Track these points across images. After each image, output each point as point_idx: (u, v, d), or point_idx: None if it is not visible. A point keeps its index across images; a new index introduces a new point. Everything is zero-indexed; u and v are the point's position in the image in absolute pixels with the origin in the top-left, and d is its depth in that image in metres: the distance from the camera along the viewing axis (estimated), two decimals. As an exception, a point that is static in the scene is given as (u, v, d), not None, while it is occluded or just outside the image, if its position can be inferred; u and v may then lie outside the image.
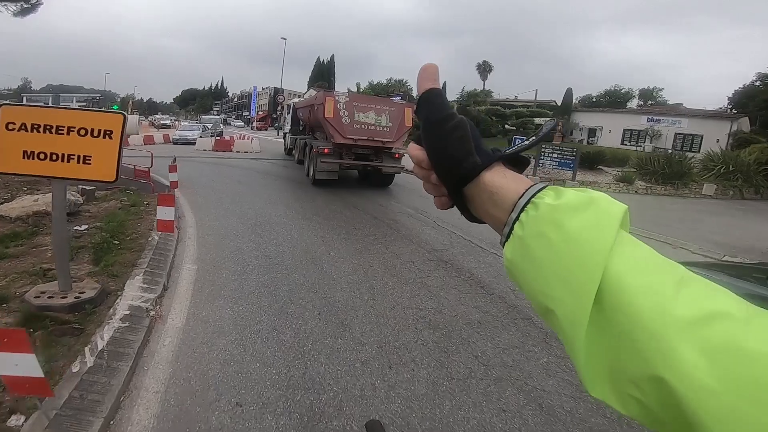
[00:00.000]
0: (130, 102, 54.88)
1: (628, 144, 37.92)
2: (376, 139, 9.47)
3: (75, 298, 3.32)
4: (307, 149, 11.51)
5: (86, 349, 2.75)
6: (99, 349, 2.79)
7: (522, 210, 0.36)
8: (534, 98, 52.09)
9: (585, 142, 40.26)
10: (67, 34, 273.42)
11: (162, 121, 51.38)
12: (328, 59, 76.01)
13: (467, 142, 0.41)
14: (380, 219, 7.26)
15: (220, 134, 26.54)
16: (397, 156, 10.12)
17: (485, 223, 0.43)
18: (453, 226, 6.83)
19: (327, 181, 9.82)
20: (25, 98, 65.98)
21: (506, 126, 28.57)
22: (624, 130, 40.00)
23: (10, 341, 1.94)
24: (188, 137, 22.16)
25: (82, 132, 3.16)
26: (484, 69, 70.77)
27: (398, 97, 20.49)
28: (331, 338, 3.29)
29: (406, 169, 11.10)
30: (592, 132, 42.29)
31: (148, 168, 8.32)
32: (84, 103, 35.32)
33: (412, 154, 0.45)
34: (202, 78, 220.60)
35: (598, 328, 0.30)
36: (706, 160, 18.06)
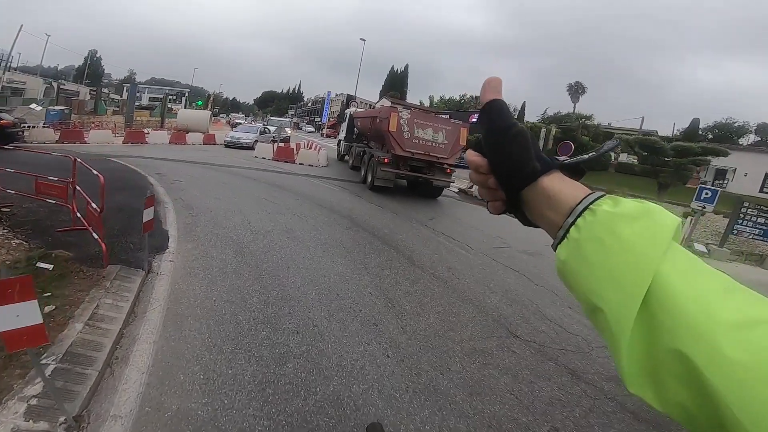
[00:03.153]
0: (211, 99, 56.40)
1: (771, 193, 29.87)
2: (431, 154, 10.05)
3: None
4: (365, 157, 12.21)
5: None
6: None
7: (579, 215, 0.37)
8: (639, 126, 44.69)
9: (710, 185, 32.61)
10: (171, 31, 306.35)
11: (236, 120, 51.98)
12: (402, 69, 73.98)
13: (528, 148, 0.41)
14: (581, 376, 3.20)
15: (286, 140, 22.64)
16: (448, 171, 10.64)
17: (538, 227, 0.43)
18: None
19: (384, 187, 10.67)
20: (125, 88, 72.79)
21: (657, 166, 20.77)
22: (767, 174, 31.60)
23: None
24: (241, 141, 19.02)
25: None
26: (576, 90, 63.79)
27: (475, 116, 18.10)
28: None
29: (458, 188, 13.64)
30: (719, 173, 34.07)
31: (99, 211, 3.81)
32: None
33: (470, 159, 0.46)
34: (282, 80, 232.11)
35: (643, 327, 0.31)
36: None
